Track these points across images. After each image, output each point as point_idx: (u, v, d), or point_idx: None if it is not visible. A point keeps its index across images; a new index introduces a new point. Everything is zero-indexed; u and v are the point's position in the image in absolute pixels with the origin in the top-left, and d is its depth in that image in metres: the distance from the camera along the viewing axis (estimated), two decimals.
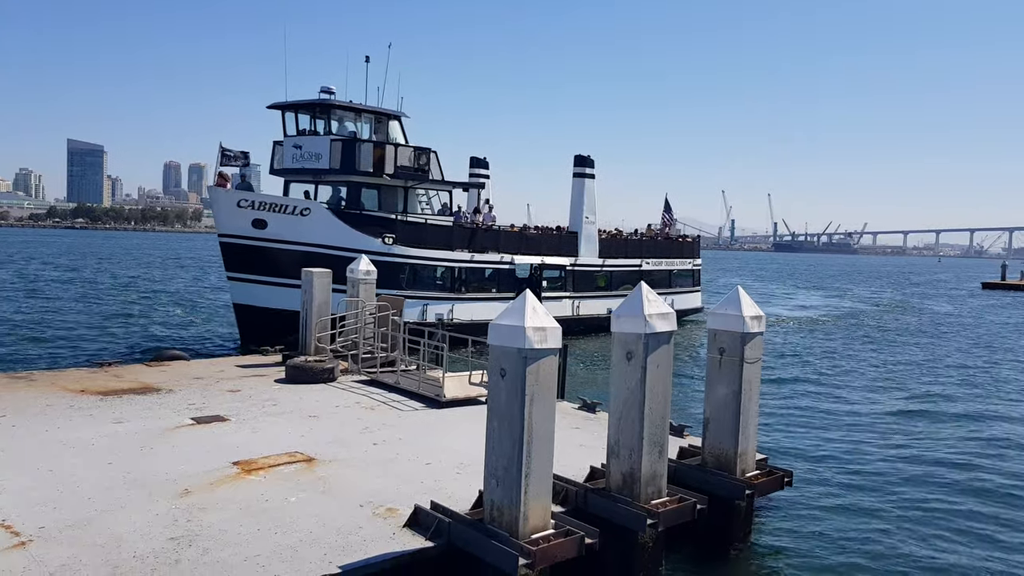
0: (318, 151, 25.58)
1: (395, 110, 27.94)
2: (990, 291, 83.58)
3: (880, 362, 28.90)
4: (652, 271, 35.24)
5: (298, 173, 26.61)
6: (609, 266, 33.44)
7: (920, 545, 10.81)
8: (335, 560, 7.50)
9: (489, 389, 8.14)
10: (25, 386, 14.50)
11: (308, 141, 25.91)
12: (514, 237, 30.31)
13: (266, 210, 23.69)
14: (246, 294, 24.20)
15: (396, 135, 27.74)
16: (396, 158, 26.05)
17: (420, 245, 26.07)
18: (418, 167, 26.80)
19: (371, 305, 18.01)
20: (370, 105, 27.16)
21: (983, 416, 19.73)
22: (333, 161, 25.30)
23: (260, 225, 23.67)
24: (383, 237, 25.09)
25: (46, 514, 8.29)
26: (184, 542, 7.74)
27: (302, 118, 26.55)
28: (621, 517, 8.78)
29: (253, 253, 23.84)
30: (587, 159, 32.91)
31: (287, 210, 23.90)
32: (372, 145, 25.82)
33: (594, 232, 32.84)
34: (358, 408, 13.97)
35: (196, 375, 16.26)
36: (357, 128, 26.91)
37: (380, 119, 27.66)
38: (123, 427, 11.83)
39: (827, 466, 14.50)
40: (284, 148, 26.66)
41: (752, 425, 10.30)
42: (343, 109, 26.50)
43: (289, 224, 23.84)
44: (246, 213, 23.56)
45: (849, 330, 40.27)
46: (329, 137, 25.61)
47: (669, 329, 8.99)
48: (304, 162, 25.97)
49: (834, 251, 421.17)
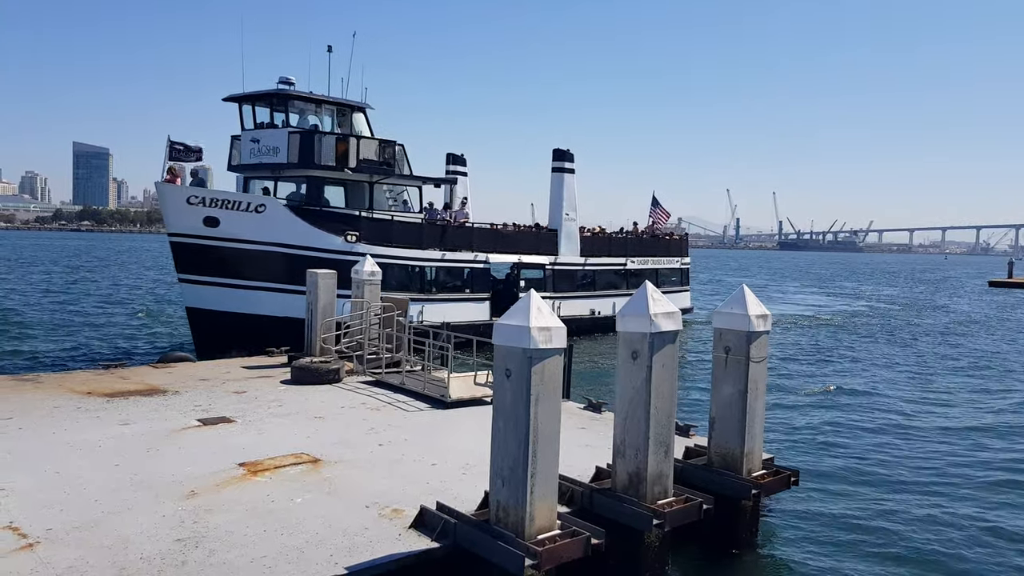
0: (276, 145, 24.20)
1: (359, 101, 26.56)
2: (997, 289, 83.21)
3: (887, 361, 28.79)
4: (638, 270, 34.17)
5: (256, 169, 25.18)
6: (591, 265, 32.24)
7: (927, 545, 10.75)
8: (341, 561, 7.50)
9: (494, 389, 8.13)
10: (32, 388, 14.55)
11: (266, 135, 24.56)
12: (489, 235, 29.02)
13: (218, 207, 22.13)
14: (199, 297, 22.75)
15: (361, 128, 26.42)
16: (359, 151, 24.67)
17: (386, 243, 24.62)
18: (383, 161, 25.40)
19: (376, 306, 18.01)
20: (332, 96, 25.83)
21: (994, 416, 19.63)
22: (291, 155, 23.91)
23: (212, 223, 22.10)
24: (345, 235, 23.63)
25: (53, 516, 8.31)
26: (191, 543, 7.76)
27: (260, 111, 25.20)
28: (627, 517, 8.76)
29: (205, 253, 22.29)
30: (566, 153, 31.58)
31: (240, 207, 22.34)
32: (335, 138, 24.51)
33: (575, 230, 31.65)
34: (363, 409, 13.98)
35: (202, 376, 16.30)
36: (319, 120, 25.67)
37: (343, 111, 26.28)
38: (129, 429, 11.86)
39: (834, 465, 14.45)
40: (242, 143, 25.30)
41: (758, 424, 10.26)
42: (302, 100, 25.20)
43: (243, 222, 22.31)
44: (196, 210, 21.97)
45: (856, 329, 40.14)
46: (287, 130, 24.29)
47: (674, 328, 8.97)
48: (262, 156, 24.60)
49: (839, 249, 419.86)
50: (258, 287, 22.57)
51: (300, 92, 24.88)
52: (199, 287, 22.63)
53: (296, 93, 24.77)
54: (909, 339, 35.99)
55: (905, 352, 31.37)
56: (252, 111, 25.20)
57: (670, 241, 37.69)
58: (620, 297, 32.31)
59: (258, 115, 25.22)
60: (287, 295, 22.55)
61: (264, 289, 22.61)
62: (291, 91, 24.65)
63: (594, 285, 32.20)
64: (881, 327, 41.25)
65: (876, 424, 18.17)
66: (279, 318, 22.32)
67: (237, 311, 22.34)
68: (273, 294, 22.65)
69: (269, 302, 22.60)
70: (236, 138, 25.61)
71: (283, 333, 20.89)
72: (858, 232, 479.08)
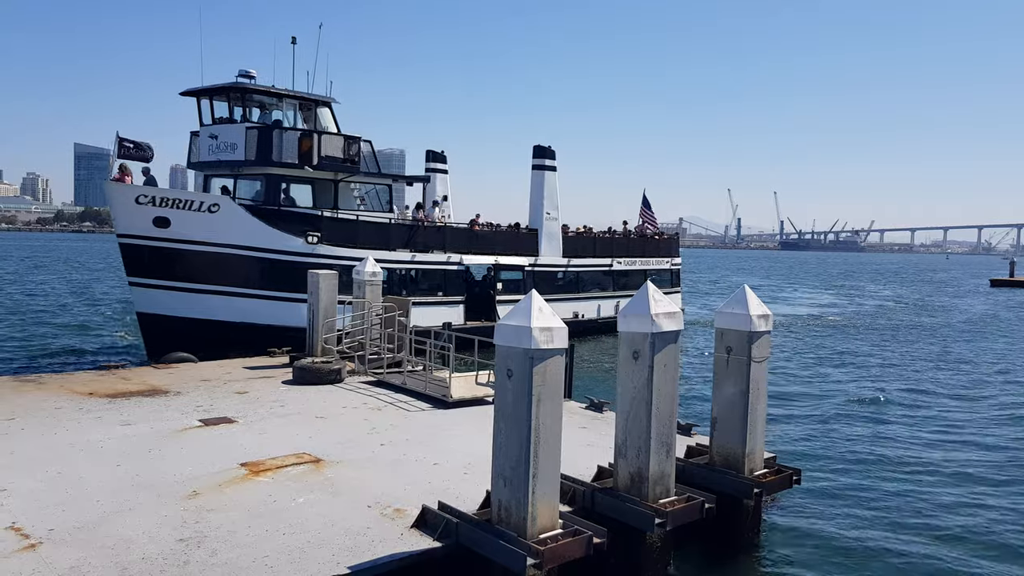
0: (234, 141, 22.95)
1: (324, 96, 25.20)
2: (998, 288, 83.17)
3: (889, 360, 28.77)
4: (624, 271, 33.06)
5: (215, 166, 24.09)
6: (575, 266, 30.89)
7: (929, 544, 10.74)
8: (343, 561, 7.51)
9: (496, 389, 8.13)
10: (34, 389, 14.58)
11: (223, 130, 23.33)
12: (463, 235, 27.57)
13: (168, 206, 20.89)
14: (150, 301, 21.51)
15: (327, 123, 25.18)
16: (320, 147, 23.42)
17: (351, 244, 23.29)
18: (347, 158, 24.10)
19: (377, 306, 18.04)
20: (294, 90, 24.49)
21: (997, 415, 19.61)
22: (249, 152, 22.69)
23: (162, 224, 20.90)
24: (306, 236, 22.33)
25: (55, 516, 8.33)
26: (193, 543, 7.76)
27: (219, 105, 23.85)
28: (629, 516, 8.76)
29: (156, 255, 21.14)
30: (547, 150, 30.26)
31: (192, 206, 21.12)
32: (297, 134, 23.29)
33: (557, 229, 30.28)
34: (365, 409, 13.99)
35: (203, 377, 16.31)
36: (283, 115, 24.45)
37: (307, 105, 24.92)
38: (131, 429, 11.88)
39: (836, 464, 14.44)
40: (200, 139, 24.14)
41: (760, 424, 10.26)
42: (262, 94, 23.83)
43: (195, 222, 21.10)
44: (146, 210, 20.75)
45: (858, 329, 40.12)
46: (245, 125, 23.07)
47: (676, 328, 8.97)
48: (220, 154, 23.38)
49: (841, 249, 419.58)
50: (212, 291, 21.47)
51: (259, 86, 23.73)
52: (150, 291, 21.52)
53: (255, 87, 23.62)
54: (912, 339, 35.97)
55: (908, 352, 31.34)
56: (210, 106, 23.98)
57: (659, 241, 36.26)
58: (605, 299, 31.74)
59: (217, 110, 23.99)
60: (243, 299, 21.61)
61: (218, 293, 21.53)
62: (250, 84, 23.55)
63: (578, 287, 30.93)
64: (883, 327, 41.22)
65: (878, 423, 18.15)
66: (235, 324, 21.34)
67: (190, 316, 21.27)
68: (228, 298, 21.56)
69: (224, 307, 21.53)
70: (195, 134, 24.54)
71: (239, 339, 20.19)
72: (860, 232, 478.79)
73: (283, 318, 21.67)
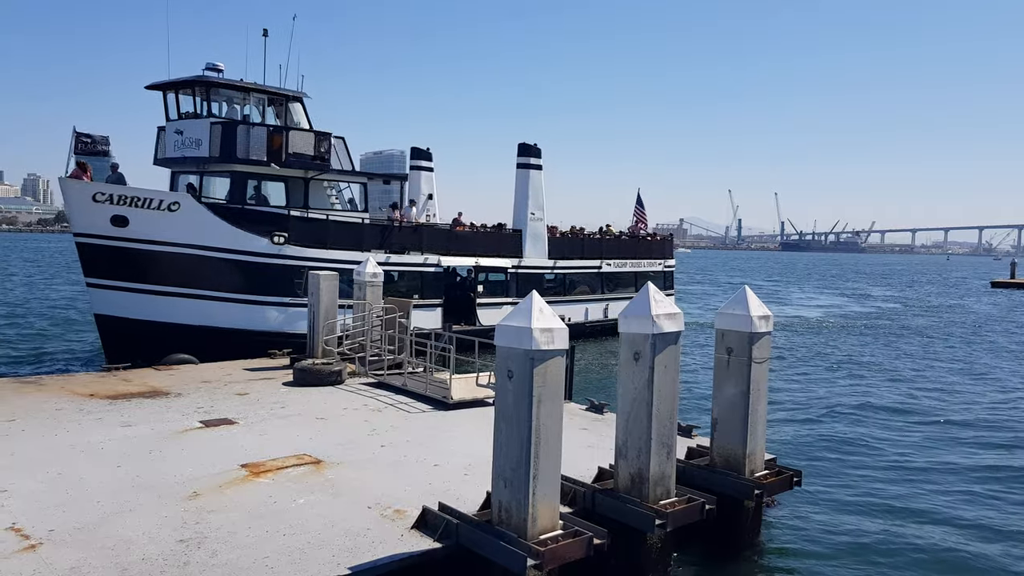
0: (198, 137, 22.05)
1: (295, 90, 24.21)
2: (999, 289, 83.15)
3: (891, 362, 28.75)
4: (614, 273, 32.06)
5: (181, 163, 23.19)
6: (561, 268, 29.81)
7: (931, 546, 10.73)
8: (344, 562, 7.50)
9: (496, 391, 8.13)
10: (35, 390, 14.58)
11: (188, 125, 22.46)
12: (442, 236, 26.61)
13: (127, 204, 19.94)
14: (108, 303, 20.66)
15: (299, 118, 24.29)
16: (288, 144, 22.59)
17: (321, 245, 22.45)
18: (317, 155, 23.21)
19: (378, 307, 18.05)
20: (263, 84, 23.60)
21: (999, 415, 19.60)
22: (213, 148, 21.80)
23: (120, 223, 20.03)
24: (272, 236, 21.48)
25: (56, 517, 8.33)
26: (193, 544, 7.77)
27: (185, 100, 22.97)
28: (630, 518, 8.76)
29: (114, 255, 20.26)
30: (532, 148, 29.16)
31: (151, 204, 20.17)
32: (265, 129, 22.41)
33: (542, 230, 29.19)
34: (366, 410, 13.99)
35: (204, 378, 16.32)
36: (257, 110, 23.62)
37: (277, 100, 23.89)
38: (132, 430, 11.88)
39: (837, 466, 14.43)
40: (166, 134, 23.29)
41: (760, 425, 10.26)
42: (228, 88, 22.93)
43: (154, 221, 20.20)
44: (103, 208, 19.84)
45: (859, 330, 40.09)
46: (209, 120, 22.16)
47: (676, 329, 8.97)
48: (185, 150, 22.45)
49: (842, 250, 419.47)
50: (173, 293, 20.62)
51: (226, 79, 22.81)
52: (108, 292, 20.64)
53: (221, 80, 22.66)
54: (913, 340, 35.94)
55: (909, 353, 31.32)
56: (176, 100, 23.11)
57: (651, 242, 35.13)
58: (594, 302, 30.82)
59: (183, 104, 23.13)
60: (205, 302, 20.80)
61: (179, 295, 20.68)
62: (216, 78, 22.57)
63: (564, 289, 29.76)
64: (885, 328, 41.20)
65: (880, 424, 18.14)
66: (196, 327, 20.55)
67: (149, 319, 20.45)
68: (190, 301, 20.73)
69: (185, 310, 20.68)
70: (162, 129, 23.71)
71: (201, 344, 19.60)
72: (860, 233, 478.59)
73: (248, 322, 20.98)
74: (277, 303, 21.35)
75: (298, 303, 21.03)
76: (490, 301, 26.63)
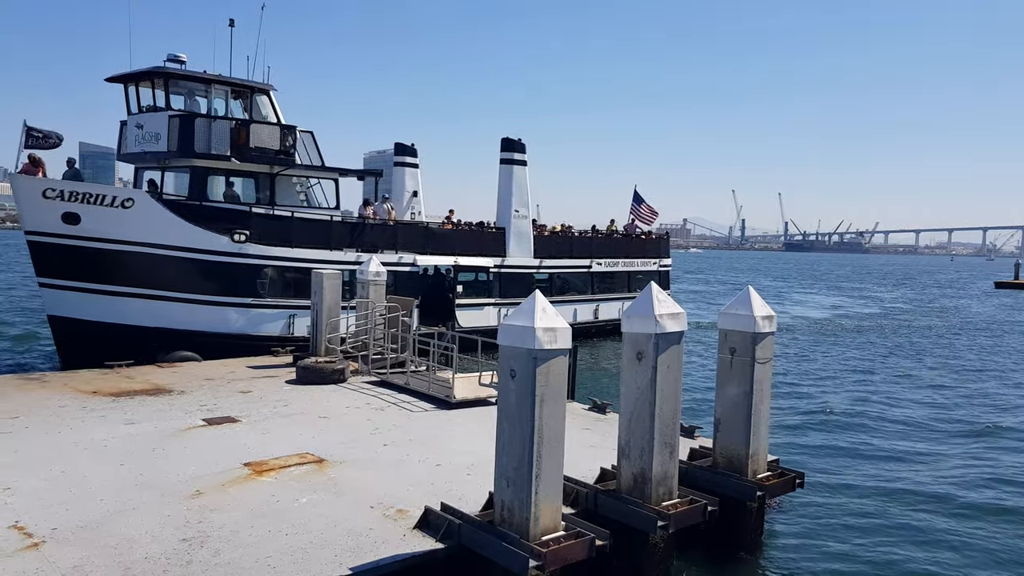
0: (157, 131, 21.25)
1: (260, 82, 23.31)
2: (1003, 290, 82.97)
3: (895, 363, 28.69)
4: (606, 273, 30.96)
5: (142, 158, 22.43)
6: (548, 267, 28.68)
7: (934, 548, 10.70)
8: (346, 561, 7.50)
9: (499, 390, 8.12)
10: (38, 387, 14.62)
11: (148, 119, 21.72)
12: (417, 233, 25.61)
13: (78, 201, 19.01)
14: (61, 304, 19.76)
15: (267, 112, 23.44)
16: (250, 138, 21.74)
17: (285, 244, 21.52)
18: (281, 149, 22.30)
19: (381, 306, 18.07)
20: (226, 75, 22.63)
21: (1004, 420, 19.52)
22: (172, 142, 20.93)
23: (72, 220, 19.11)
24: (232, 234, 20.55)
25: (59, 515, 8.34)
26: (196, 543, 7.77)
27: (145, 92, 22.12)
28: (632, 519, 8.74)
29: (66, 254, 19.33)
30: (516, 142, 27.90)
31: (104, 201, 19.24)
32: (227, 123, 21.55)
33: (526, 228, 28.09)
34: (368, 409, 13.99)
35: (207, 376, 16.34)
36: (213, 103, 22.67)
37: (241, 92, 22.94)
38: (135, 428, 11.90)
39: (840, 467, 14.39)
40: (128, 128, 22.56)
41: (763, 426, 10.23)
42: (189, 80, 21.97)
43: (107, 218, 19.30)
44: (54, 205, 18.92)
45: (864, 331, 40.01)
46: (168, 113, 21.30)
47: (679, 329, 8.94)
48: (145, 144, 21.70)
49: (845, 250, 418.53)
50: (127, 293, 19.74)
51: (186, 71, 21.96)
52: (61, 292, 19.74)
53: (181, 72, 21.80)
54: (918, 342, 35.85)
55: (914, 355, 31.25)
56: (136, 93, 22.29)
57: (646, 241, 33.78)
58: (583, 303, 29.68)
59: (145, 97, 22.26)
60: (161, 303, 19.93)
61: (134, 296, 19.82)
62: (175, 69, 21.73)
63: (551, 290, 28.31)
64: (889, 330, 41.11)
65: (883, 426, 18.10)
66: (153, 329, 19.70)
67: (103, 320, 19.62)
68: (145, 301, 19.84)
69: (140, 311, 19.78)
70: (124, 124, 22.93)
71: (159, 346, 19.05)
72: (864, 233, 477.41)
73: (207, 324, 20.18)
74: (238, 304, 20.49)
75: (261, 304, 20.57)
76: (470, 302, 25.62)
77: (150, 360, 18.03)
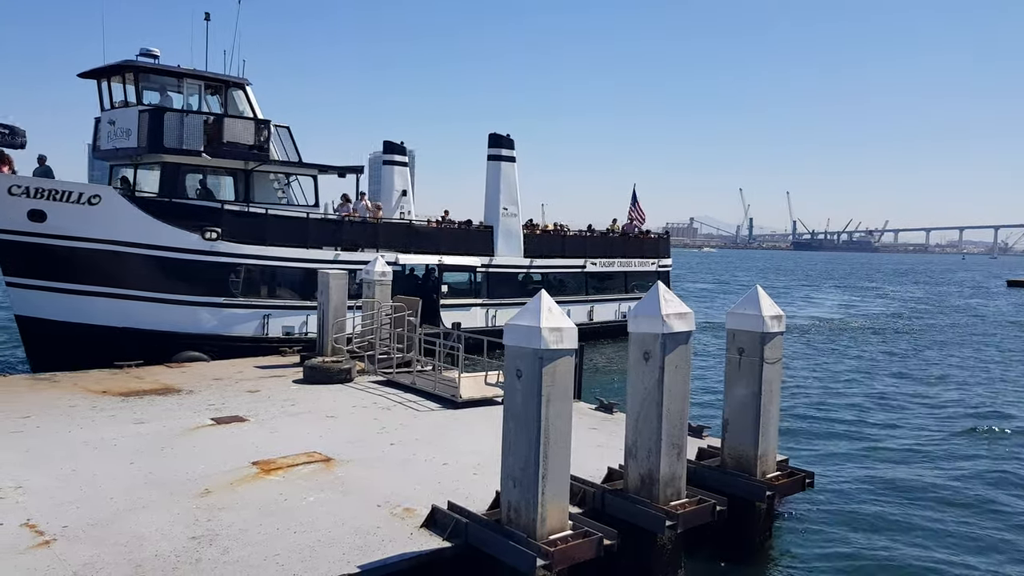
0: (128, 126, 20.71)
1: (236, 76, 22.61)
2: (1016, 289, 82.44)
3: (905, 363, 28.52)
4: (602, 272, 29.98)
5: (115, 155, 21.84)
6: (539, 268, 27.75)
7: (943, 550, 10.64)
8: (353, 560, 7.52)
9: (505, 390, 8.13)
10: (49, 387, 14.73)
11: (120, 115, 21.15)
12: (400, 232, 24.81)
13: (44, 198, 18.51)
14: (28, 304, 19.29)
15: (243, 107, 22.79)
16: (223, 133, 21.19)
17: (260, 241, 20.91)
18: (255, 144, 21.68)
19: (387, 306, 18.10)
20: (199, 69, 22.03)
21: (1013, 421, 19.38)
22: (141, 138, 20.31)
23: (38, 217, 18.60)
24: (204, 231, 20.02)
25: (69, 513, 8.40)
26: (205, 541, 7.81)
27: (117, 87, 21.61)
28: (639, 518, 8.73)
29: (32, 252, 18.84)
30: (504, 138, 27.02)
31: (70, 198, 18.74)
32: (201, 118, 20.94)
33: (516, 227, 27.11)
34: (375, 408, 14.02)
35: (215, 376, 16.42)
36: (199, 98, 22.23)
37: (215, 87, 22.32)
38: (144, 427, 11.97)
39: (850, 467, 14.33)
40: (101, 125, 22.06)
41: (772, 426, 10.19)
42: (160, 74, 21.32)
43: (74, 215, 18.78)
44: (20, 202, 18.38)
45: (875, 331, 39.79)
46: (137, 108, 20.69)
47: (687, 329, 8.92)
48: (117, 140, 21.19)
49: (854, 249, 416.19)
50: (95, 293, 19.22)
51: (157, 64, 21.31)
52: (28, 292, 19.24)
53: (150, 65, 21.13)
54: (929, 341, 35.62)
55: (924, 355, 31.06)
56: (108, 88, 21.69)
57: (644, 241, 32.51)
58: (577, 304, 28.02)
59: (117, 92, 21.74)
60: (130, 302, 19.40)
61: (102, 295, 19.31)
62: (146, 63, 21.07)
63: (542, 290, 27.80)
64: (901, 329, 40.87)
65: (893, 426, 18.00)
66: (122, 329, 19.21)
67: (72, 320, 19.10)
68: (113, 301, 19.31)
69: (108, 310, 19.25)
70: (98, 120, 22.39)
71: (127, 346, 18.30)
72: (873, 232, 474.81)
73: (177, 324, 19.67)
74: (210, 304, 20.01)
75: (234, 304, 20.18)
76: (456, 302, 24.80)
77: (159, 360, 18.00)
